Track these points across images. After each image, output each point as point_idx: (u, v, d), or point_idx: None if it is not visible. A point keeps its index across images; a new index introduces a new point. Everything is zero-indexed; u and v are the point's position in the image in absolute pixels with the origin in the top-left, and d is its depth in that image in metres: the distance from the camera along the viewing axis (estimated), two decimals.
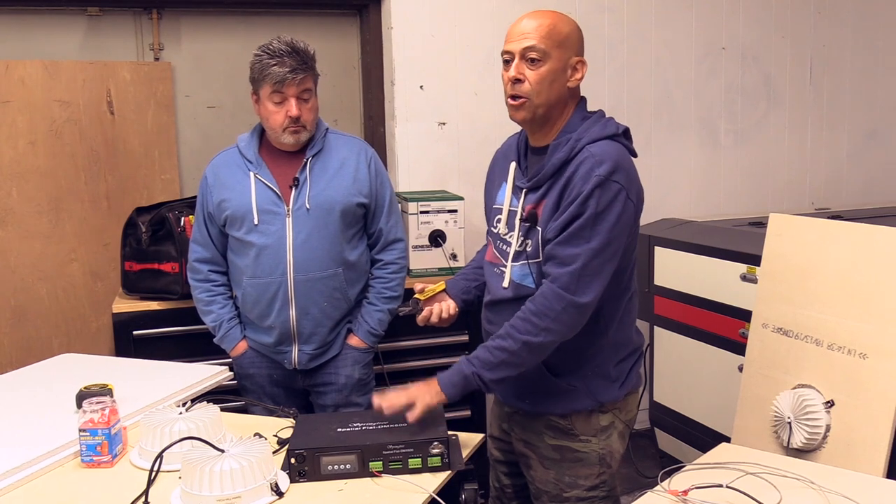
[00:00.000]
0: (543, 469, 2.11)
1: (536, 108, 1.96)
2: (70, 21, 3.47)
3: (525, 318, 1.91)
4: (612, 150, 1.94)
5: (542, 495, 2.13)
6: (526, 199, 2.01)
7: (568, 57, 1.96)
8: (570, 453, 2.08)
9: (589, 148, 1.93)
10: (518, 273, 2.02)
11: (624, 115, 4.04)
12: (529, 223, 1.98)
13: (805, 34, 4.36)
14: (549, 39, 1.93)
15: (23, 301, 3.39)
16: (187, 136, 3.64)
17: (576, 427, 2.07)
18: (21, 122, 3.32)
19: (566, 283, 1.89)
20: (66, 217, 3.41)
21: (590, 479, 2.09)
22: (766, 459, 1.88)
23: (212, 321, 2.67)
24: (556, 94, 1.96)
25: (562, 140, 1.97)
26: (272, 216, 2.53)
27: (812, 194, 4.52)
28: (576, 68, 1.98)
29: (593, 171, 1.89)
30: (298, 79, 2.46)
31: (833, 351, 2.28)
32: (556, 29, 1.94)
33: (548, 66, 1.94)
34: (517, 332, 1.91)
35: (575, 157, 1.93)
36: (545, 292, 1.91)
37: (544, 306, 1.90)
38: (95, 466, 1.87)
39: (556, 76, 1.95)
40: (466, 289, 2.24)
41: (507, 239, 2.05)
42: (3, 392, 2.34)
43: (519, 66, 1.95)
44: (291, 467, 1.79)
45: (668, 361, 3.63)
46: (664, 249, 3.54)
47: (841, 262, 2.32)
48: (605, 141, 1.95)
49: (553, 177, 1.96)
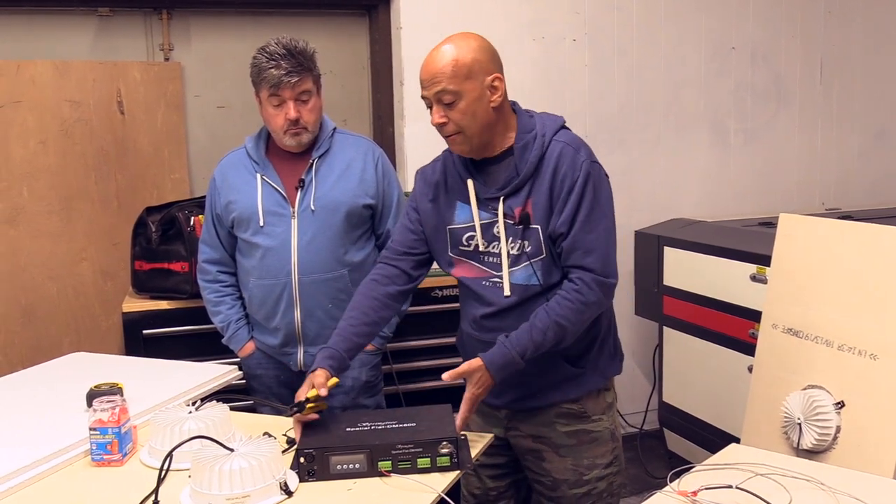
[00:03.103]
0: (559, 458, 2.13)
1: (471, 138, 2.01)
2: (81, 21, 3.48)
3: (574, 308, 1.97)
4: (574, 135, 2.06)
5: (561, 485, 2.14)
6: (506, 204, 2.02)
7: (480, 83, 1.97)
8: (586, 435, 2.13)
9: (556, 139, 2.01)
10: (520, 276, 2.04)
11: (633, 114, 4.04)
12: (524, 224, 2.01)
13: (815, 34, 4.35)
14: (456, 77, 1.94)
15: (33, 300, 3.40)
16: (197, 136, 3.65)
17: (587, 408, 2.13)
18: (32, 122, 3.33)
19: (601, 268, 1.98)
20: (76, 216, 3.43)
21: (606, 457, 2.15)
22: (775, 460, 1.88)
23: (220, 322, 2.67)
24: (484, 119, 1.99)
25: (528, 139, 2.02)
26: (277, 218, 2.53)
27: (822, 194, 4.50)
28: (494, 87, 1.99)
29: (577, 157, 1.99)
30: (294, 81, 2.42)
31: (843, 352, 2.27)
32: (459, 64, 1.94)
33: (464, 102, 1.96)
34: (569, 322, 1.97)
35: (548, 150, 2.00)
36: (586, 281, 1.97)
37: (591, 295, 1.97)
38: (105, 465, 1.88)
39: (475, 106, 1.97)
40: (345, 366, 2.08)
41: (492, 251, 2.06)
42: (14, 391, 2.35)
43: (437, 110, 2.00)
44: (301, 466, 1.79)
45: (678, 362, 3.63)
46: (673, 249, 3.54)
47: (851, 262, 2.31)
48: (563, 130, 2.05)
49: (533, 175, 2.00)
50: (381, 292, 2.17)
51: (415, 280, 2.22)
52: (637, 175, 4.04)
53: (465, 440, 1.92)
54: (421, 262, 2.21)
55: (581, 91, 3.89)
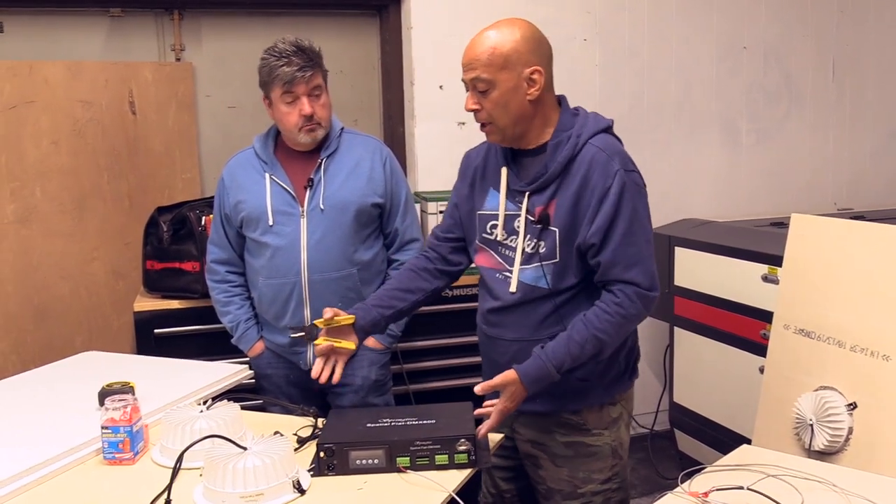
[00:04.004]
0: (555, 467, 2.11)
1: (503, 129, 1.99)
2: (93, 22, 3.50)
3: (615, 322, 1.93)
4: (612, 140, 2.00)
5: (555, 495, 2.12)
6: (531, 201, 2.00)
7: (518, 74, 1.93)
8: (584, 448, 2.09)
9: (592, 142, 1.96)
10: (530, 276, 2.02)
11: (644, 114, 4.03)
12: (542, 224, 1.97)
13: (827, 33, 4.33)
14: (492, 66, 1.92)
15: (45, 299, 3.42)
16: (208, 136, 3.66)
17: (588, 421, 2.09)
18: (44, 122, 3.35)
19: (645, 281, 1.94)
20: (88, 216, 3.44)
21: (604, 472, 2.10)
22: (787, 462, 1.87)
23: (229, 322, 2.68)
24: (518, 112, 1.96)
25: (562, 138, 1.98)
26: (287, 217, 2.54)
27: (834, 194, 4.48)
28: (532, 79, 1.94)
29: (610, 166, 1.93)
30: (307, 76, 2.45)
31: (856, 353, 2.26)
32: (496, 53, 1.91)
33: (497, 91, 1.94)
34: (608, 336, 1.94)
35: (580, 152, 1.95)
36: (628, 294, 1.93)
37: (632, 308, 1.94)
38: (117, 464, 1.89)
39: (509, 97, 1.94)
40: (376, 321, 2.18)
41: (509, 244, 2.04)
42: (27, 389, 2.36)
43: (471, 96, 1.98)
44: (320, 461, 1.81)
45: (689, 362, 3.62)
46: (684, 250, 3.53)
47: (864, 263, 2.30)
48: (602, 134, 1.99)
49: (560, 175, 1.96)
50: (420, 266, 2.25)
51: (454, 265, 2.24)
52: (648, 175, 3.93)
53: (484, 438, 1.93)
54: (457, 248, 2.22)
55: (591, 91, 3.88)
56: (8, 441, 1.96)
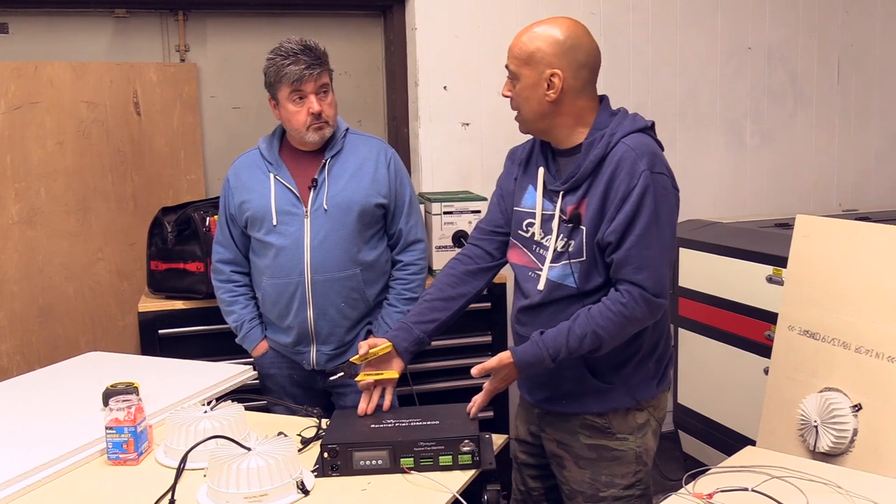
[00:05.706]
0: (578, 469, 2.11)
1: (526, 121, 2.02)
2: (97, 23, 3.50)
3: (615, 322, 1.92)
4: (646, 141, 1.97)
5: (577, 496, 2.12)
6: (564, 200, 2.00)
7: (539, 73, 1.94)
8: (607, 452, 2.08)
9: (624, 141, 1.94)
10: (558, 273, 2.01)
11: (649, 115, 3.96)
12: (573, 224, 1.97)
13: (832, 33, 4.32)
14: (517, 59, 1.97)
15: (50, 300, 3.43)
16: (212, 137, 3.67)
17: (613, 425, 2.07)
18: (49, 123, 3.35)
19: (652, 287, 1.92)
20: (93, 217, 3.45)
21: (626, 478, 2.09)
22: (792, 463, 1.87)
23: (233, 321, 2.69)
24: (537, 109, 1.98)
25: (596, 137, 1.97)
26: (291, 217, 2.54)
27: (839, 195, 4.47)
28: (552, 82, 1.94)
29: (637, 166, 1.90)
30: (315, 74, 2.46)
31: (861, 354, 2.25)
32: (523, 48, 1.95)
33: (520, 84, 1.98)
34: (607, 334, 1.93)
35: (611, 151, 1.94)
36: (634, 296, 1.92)
37: (636, 311, 1.92)
38: (121, 464, 1.89)
39: (528, 93, 1.97)
40: (420, 339, 2.16)
41: (544, 243, 2.04)
42: (31, 389, 2.37)
43: (507, 83, 2.02)
44: (324, 461, 1.81)
45: (693, 364, 3.61)
46: (689, 251, 3.52)
47: (869, 264, 2.29)
48: (637, 133, 1.97)
49: (592, 174, 1.96)
50: (460, 269, 2.21)
51: (498, 260, 2.22)
52: None
53: (488, 439, 1.93)
54: (505, 243, 2.20)
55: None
56: (12, 441, 1.96)
